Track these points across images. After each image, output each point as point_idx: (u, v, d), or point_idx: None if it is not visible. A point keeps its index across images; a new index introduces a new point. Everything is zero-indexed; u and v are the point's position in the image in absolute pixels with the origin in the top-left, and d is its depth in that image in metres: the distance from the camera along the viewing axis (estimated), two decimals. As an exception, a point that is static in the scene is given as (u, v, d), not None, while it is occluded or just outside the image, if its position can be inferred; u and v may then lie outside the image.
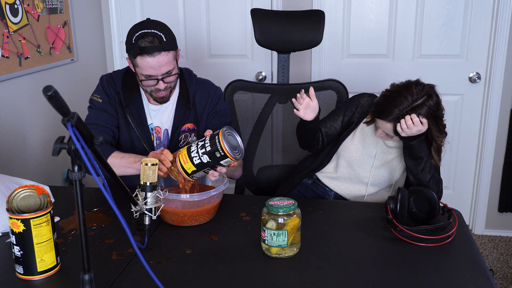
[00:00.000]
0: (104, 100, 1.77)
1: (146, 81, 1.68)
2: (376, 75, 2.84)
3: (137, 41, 1.61)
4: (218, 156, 1.42)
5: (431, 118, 1.61)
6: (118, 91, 1.78)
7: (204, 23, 2.97)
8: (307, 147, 1.89)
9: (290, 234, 1.27)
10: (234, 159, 1.43)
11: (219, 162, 1.43)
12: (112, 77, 1.80)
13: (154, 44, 1.61)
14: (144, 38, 1.61)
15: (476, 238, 2.95)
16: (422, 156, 1.66)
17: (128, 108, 1.77)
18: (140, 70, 1.66)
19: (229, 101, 2.10)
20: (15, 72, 2.22)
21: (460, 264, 1.27)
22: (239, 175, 1.93)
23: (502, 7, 2.62)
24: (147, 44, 1.61)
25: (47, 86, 0.80)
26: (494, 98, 2.76)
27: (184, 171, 1.47)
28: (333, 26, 2.84)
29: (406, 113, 1.58)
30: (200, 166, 1.45)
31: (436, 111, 1.62)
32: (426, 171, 1.68)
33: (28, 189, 1.22)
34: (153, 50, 1.61)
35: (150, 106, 1.81)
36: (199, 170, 1.46)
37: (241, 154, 1.46)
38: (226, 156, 1.42)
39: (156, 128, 1.82)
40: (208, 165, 1.44)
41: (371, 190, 1.83)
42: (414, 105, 1.59)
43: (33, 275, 1.20)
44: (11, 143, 2.24)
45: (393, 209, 1.44)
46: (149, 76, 1.66)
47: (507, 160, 2.84)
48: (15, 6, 2.19)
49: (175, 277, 1.22)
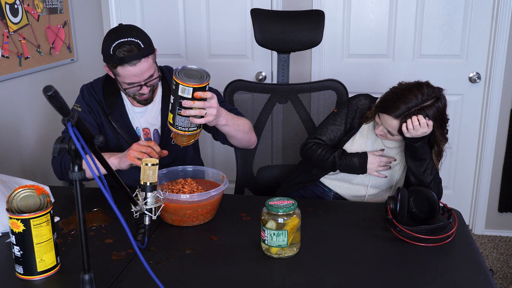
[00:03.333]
0: (83, 110, 1.76)
1: (130, 88, 1.67)
2: (376, 75, 2.84)
3: (115, 51, 1.57)
4: (174, 88, 1.43)
5: (438, 120, 1.61)
6: (100, 99, 1.77)
7: (204, 23, 2.97)
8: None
9: (290, 234, 1.27)
10: (188, 84, 1.40)
11: (178, 95, 1.42)
12: (93, 86, 1.80)
13: (133, 53, 1.57)
14: (121, 48, 1.57)
15: (476, 238, 2.95)
16: (425, 158, 1.66)
17: (112, 115, 1.77)
18: (122, 79, 1.64)
19: (229, 101, 2.10)
20: (15, 72, 2.22)
21: (460, 264, 1.27)
22: (255, 141, 1.83)
23: (502, 7, 2.62)
24: (126, 54, 1.57)
25: (47, 86, 0.80)
26: (494, 98, 2.76)
27: (170, 124, 1.49)
28: (333, 26, 2.84)
29: (413, 113, 1.58)
30: (172, 109, 1.46)
31: (443, 115, 1.62)
32: (428, 173, 1.68)
33: (28, 189, 1.22)
34: (133, 58, 1.58)
35: (134, 109, 1.80)
36: (174, 115, 1.46)
37: (201, 80, 1.43)
38: (178, 84, 1.41)
39: (145, 130, 1.82)
40: (176, 104, 1.44)
41: (372, 192, 1.82)
42: (423, 106, 1.58)
43: (33, 275, 1.20)
44: (11, 143, 2.24)
45: (393, 209, 1.44)
46: (132, 84, 1.65)
47: (507, 160, 2.84)
48: (15, 6, 2.19)
49: (175, 277, 1.22)
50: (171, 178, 1.63)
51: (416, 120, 1.56)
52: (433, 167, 1.69)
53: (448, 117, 1.66)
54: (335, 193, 1.88)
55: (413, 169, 1.69)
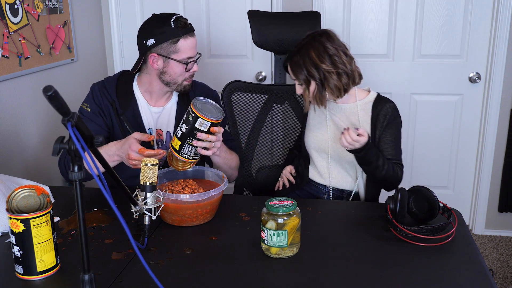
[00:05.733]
0: (93, 110, 1.74)
1: (191, 63, 1.69)
2: (376, 75, 2.84)
3: (176, 25, 1.63)
4: (191, 119, 1.46)
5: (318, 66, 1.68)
6: (113, 99, 1.75)
7: (204, 23, 2.97)
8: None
9: (290, 234, 1.27)
10: (207, 119, 1.46)
11: (194, 126, 1.46)
12: (105, 86, 1.77)
13: (189, 26, 1.67)
14: (180, 21, 1.65)
15: (476, 238, 2.95)
16: (371, 161, 1.67)
17: (124, 115, 1.76)
18: (181, 54, 1.67)
19: (227, 102, 2.10)
20: (15, 72, 2.22)
21: (460, 264, 1.27)
22: (235, 177, 1.92)
23: (502, 7, 2.62)
24: (186, 26, 1.65)
25: (47, 86, 0.80)
26: (494, 98, 2.76)
27: (174, 150, 1.51)
28: (333, 26, 2.80)
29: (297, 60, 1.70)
30: (182, 137, 1.49)
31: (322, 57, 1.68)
32: (379, 170, 1.69)
33: (28, 189, 1.22)
34: (192, 30, 1.69)
35: (152, 108, 1.80)
36: (183, 143, 1.49)
37: (218, 116, 1.49)
38: (197, 116, 1.45)
39: (158, 131, 1.81)
40: (189, 134, 1.48)
41: (345, 167, 1.83)
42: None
43: (33, 275, 1.20)
44: (11, 143, 2.24)
45: (393, 209, 1.44)
46: (189, 58, 1.69)
47: (507, 160, 2.84)
48: (15, 6, 2.19)
49: (175, 277, 1.22)
50: (171, 178, 1.63)
51: (348, 137, 1.59)
52: (385, 163, 1.69)
53: (336, 53, 1.69)
54: (328, 189, 1.88)
55: (364, 168, 1.73)
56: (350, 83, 1.73)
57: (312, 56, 1.68)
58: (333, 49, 1.69)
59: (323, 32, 1.73)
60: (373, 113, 1.77)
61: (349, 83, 1.72)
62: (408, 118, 2.89)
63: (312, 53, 1.68)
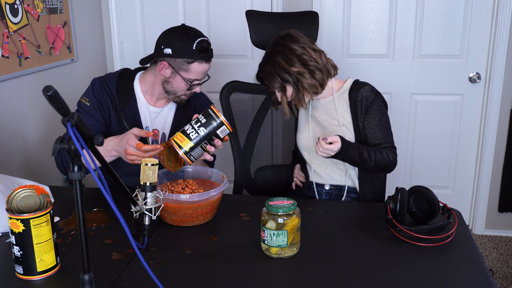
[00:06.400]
0: (92, 104, 1.74)
1: (194, 85, 1.73)
2: (376, 75, 2.84)
3: (197, 47, 1.67)
4: (215, 125, 1.48)
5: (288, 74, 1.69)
6: (113, 95, 1.76)
7: (204, 23, 2.97)
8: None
9: (290, 234, 1.27)
10: (229, 127, 1.50)
11: (215, 132, 1.49)
12: (106, 81, 1.78)
13: (210, 52, 1.72)
14: (203, 45, 1.68)
15: (476, 238, 2.95)
16: (354, 159, 1.68)
17: (123, 112, 1.76)
18: (190, 74, 1.70)
19: (225, 102, 2.10)
20: (15, 72, 2.22)
21: (460, 264, 1.27)
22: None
23: (502, 7, 2.62)
24: (207, 52, 1.69)
25: (47, 86, 0.80)
26: (494, 98, 2.76)
27: (181, 149, 1.50)
28: (333, 26, 2.84)
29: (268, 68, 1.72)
30: (198, 141, 1.50)
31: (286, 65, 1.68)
32: (367, 163, 1.69)
33: (28, 189, 1.22)
34: (210, 56, 1.73)
35: (151, 108, 1.80)
36: (197, 146, 1.50)
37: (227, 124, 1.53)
38: (223, 123, 1.48)
39: (154, 131, 1.82)
40: (206, 138, 1.49)
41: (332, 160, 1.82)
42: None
43: (32, 275, 1.20)
44: (11, 143, 2.24)
45: (393, 209, 1.44)
46: (195, 80, 1.72)
47: (507, 160, 2.84)
48: (15, 6, 2.19)
49: (175, 277, 1.22)
50: (171, 178, 1.63)
51: (320, 148, 1.61)
52: (371, 155, 1.68)
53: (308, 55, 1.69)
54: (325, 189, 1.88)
55: (352, 165, 1.74)
56: (325, 77, 1.72)
57: (280, 62, 1.68)
58: (300, 48, 1.68)
59: (285, 35, 1.72)
60: (350, 101, 1.76)
61: (323, 77, 1.72)
62: (408, 118, 2.89)
63: (279, 59, 1.68)
